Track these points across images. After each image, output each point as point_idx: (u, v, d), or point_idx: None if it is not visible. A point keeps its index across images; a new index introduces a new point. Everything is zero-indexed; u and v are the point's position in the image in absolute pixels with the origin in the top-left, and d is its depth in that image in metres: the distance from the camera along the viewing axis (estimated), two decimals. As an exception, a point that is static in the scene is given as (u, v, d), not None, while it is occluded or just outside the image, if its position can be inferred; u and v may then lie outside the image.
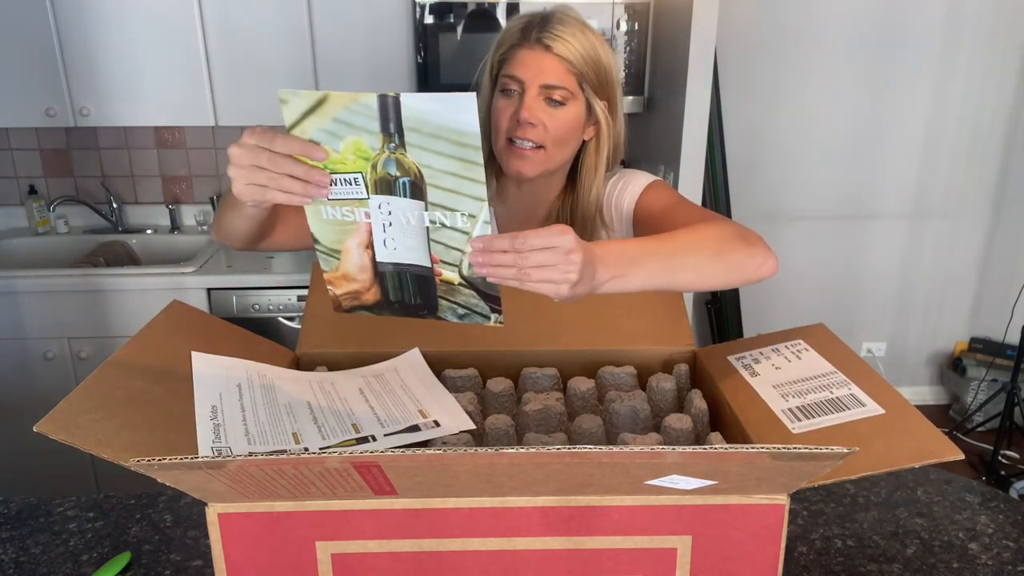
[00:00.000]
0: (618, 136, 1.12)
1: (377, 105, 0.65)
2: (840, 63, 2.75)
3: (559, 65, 1.02)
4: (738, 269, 0.84)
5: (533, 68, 1.02)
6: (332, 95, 0.67)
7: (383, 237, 0.73)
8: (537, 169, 1.07)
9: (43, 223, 2.55)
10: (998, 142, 2.90)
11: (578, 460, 0.50)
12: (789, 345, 0.85)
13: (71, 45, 2.18)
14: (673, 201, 1.07)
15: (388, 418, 0.77)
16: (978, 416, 2.94)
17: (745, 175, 2.83)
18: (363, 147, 0.68)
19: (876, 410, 0.70)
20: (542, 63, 1.02)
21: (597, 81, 1.05)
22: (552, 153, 1.06)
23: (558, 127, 1.04)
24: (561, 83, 1.02)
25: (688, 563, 0.59)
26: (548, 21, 1.02)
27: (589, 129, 1.09)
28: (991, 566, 0.86)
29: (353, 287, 0.77)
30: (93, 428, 0.59)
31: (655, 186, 1.11)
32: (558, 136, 1.05)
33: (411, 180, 0.68)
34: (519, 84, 1.03)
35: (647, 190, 1.10)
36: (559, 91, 1.02)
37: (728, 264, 0.83)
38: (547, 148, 1.05)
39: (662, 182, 1.12)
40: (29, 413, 0.70)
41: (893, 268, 3.06)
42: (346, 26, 2.22)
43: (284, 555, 0.58)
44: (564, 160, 1.10)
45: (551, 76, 1.02)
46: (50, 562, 0.88)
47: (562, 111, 1.04)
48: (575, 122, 1.06)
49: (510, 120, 1.04)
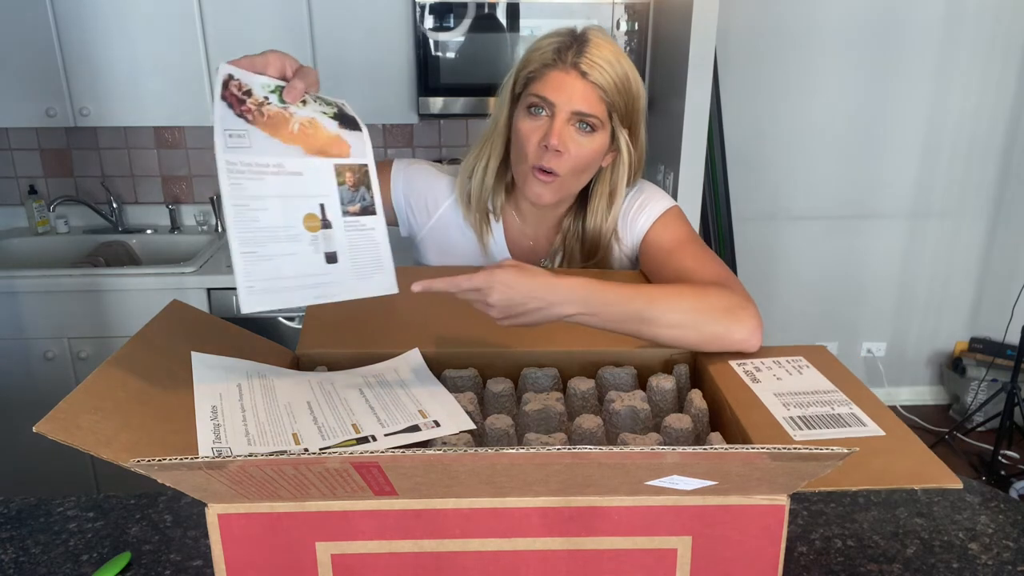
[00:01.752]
0: (637, 164, 1.10)
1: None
2: (840, 63, 2.76)
3: (593, 93, 0.99)
4: (714, 340, 0.86)
5: (566, 93, 0.99)
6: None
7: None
8: (555, 196, 1.06)
9: (43, 223, 2.55)
10: (998, 142, 2.90)
11: (578, 460, 0.50)
12: (790, 360, 0.85)
13: (71, 45, 2.18)
14: (683, 239, 1.06)
15: (388, 418, 0.77)
16: (978, 416, 2.94)
17: (745, 175, 2.83)
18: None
19: (876, 431, 0.70)
20: (575, 88, 0.99)
21: (626, 110, 1.03)
22: (569, 181, 1.05)
23: (583, 154, 1.02)
24: (593, 111, 1.00)
25: (688, 563, 0.59)
26: (585, 45, 1.00)
27: (608, 156, 1.08)
28: (991, 566, 0.86)
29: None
30: (93, 428, 0.59)
31: (671, 215, 1.10)
32: (579, 165, 1.03)
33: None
34: (549, 107, 1.00)
35: (663, 218, 1.09)
36: (591, 119, 1.00)
37: (703, 334, 0.86)
38: (563, 176, 1.03)
39: (678, 210, 1.11)
40: (29, 413, 0.70)
41: (893, 268, 3.06)
42: (346, 26, 2.22)
43: (284, 555, 0.58)
44: (578, 188, 1.09)
45: (583, 104, 0.99)
46: (50, 562, 0.88)
47: (589, 139, 1.02)
48: (599, 151, 1.04)
49: (538, 145, 1.02)
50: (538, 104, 1.01)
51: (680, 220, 1.10)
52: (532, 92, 1.02)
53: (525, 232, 1.17)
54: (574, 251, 1.14)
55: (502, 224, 1.16)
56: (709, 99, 2.05)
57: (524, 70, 1.04)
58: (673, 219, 1.10)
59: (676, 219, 1.10)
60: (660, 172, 2.27)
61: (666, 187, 2.18)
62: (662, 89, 2.26)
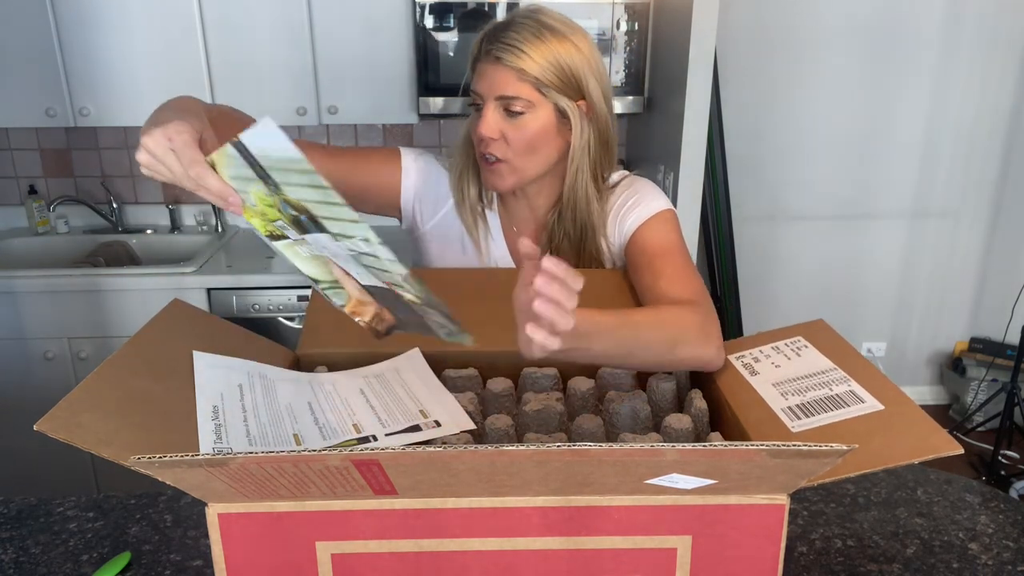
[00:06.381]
0: (604, 134, 1.07)
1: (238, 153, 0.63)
2: (840, 63, 2.75)
3: (510, 75, 1.00)
4: (684, 363, 0.86)
5: (487, 81, 1.02)
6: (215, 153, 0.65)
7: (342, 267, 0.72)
8: (509, 182, 1.06)
9: (43, 223, 2.55)
10: (998, 142, 2.90)
11: (578, 458, 0.50)
12: (789, 343, 0.85)
13: (71, 45, 2.18)
14: (667, 246, 1.03)
15: (389, 418, 0.77)
16: (978, 416, 2.94)
17: (745, 175, 2.83)
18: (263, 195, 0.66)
19: (875, 406, 0.70)
20: (494, 76, 1.01)
21: (562, 83, 1.01)
22: (520, 164, 1.04)
23: (519, 137, 1.02)
24: (516, 93, 1.00)
25: (688, 563, 0.59)
26: (500, 31, 1.01)
27: (565, 132, 1.06)
28: (991, 566, 0.87)
29: (372, 310, 0.76)
30: (93, 427, 0.59)
31: (660, 218, 1.07)
32: (521, 147, 1.03)
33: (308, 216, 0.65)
34: (481, 99, 1.03)
35: (652, 220, 1.07)
36: (516, 101, 1.01)
37: (677, 357, 0.85)
38: (511, 160, 1.04)
39: (671, 213, 1.09)
40: (29, 413, 0.70)
41: (893, 268, 3.06)
42: (346, 26, 2.22)
43: (284, 555, 0.58)
44: (540, 169, 1.07)
45: (503, 87, 1.00)
46: (50, 562, 0.88)
47: (521, 120, 1.02)
48: (541, 130, 1.03)
49: (476, 136, 1.05)
50: (475, 100, 1.05)
51: (670, 225, 1.07)
52: (471, 89, 1.06)
53: (513, 229, 1.17)
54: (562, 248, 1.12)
55: (499, 222, 1.17)
56: (709, 99, 2.05)
57: (469, 69, 1.07)
58: (663, 222, 1.07)
59: (666, 223, 1.07)
60: (660, 172, 2.27)
61: (666, 187, 2.18)
62: (662, 89, 2.26)
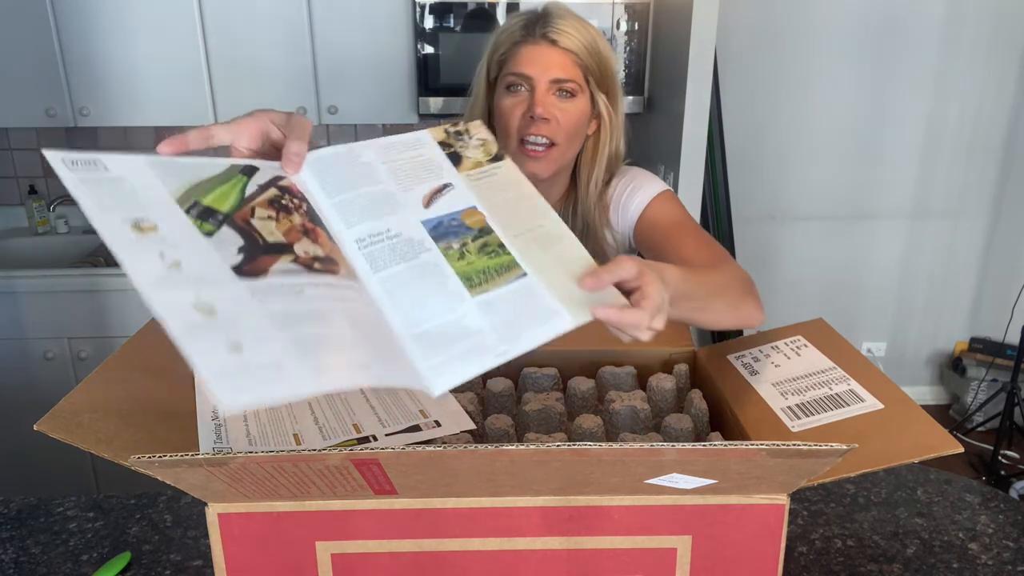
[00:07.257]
0: (618, 130, 1.11)
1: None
2: (840, 63, 2.75)
3: (566, 58, 1.02)
4: (742, 320, 0.85)
5: (541, 63, 1.02)
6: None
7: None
8: (551, 168, 1.06)
9: (43, 223, 2.55)
10: (998, 142, 2.90)
11: (578, 457, 0.50)
12: (789, 342, 0.85)
13: (71, 45, 2.17)
14: (678, 219, 1.06)
15: (389, 418, 0.77)
16: (978, 416, 2.93)
17: (745, 175, 2.83)
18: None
19: (875, 405, 0.70)
20: (550, 57, 1.02)
21: (600, 73, 1.05)
22: (564, 149, 1.06)
23: (569, 120, 1.04)
24: (570, 76, 1.03)
25: (688, 563, 0.59)
26: (549, 16, 1.03)
27: (592, 123, 1.09)
28: (991, 566, 0.86)
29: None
30: (93, 427, 0.59)
31: (664, 197, 1.10)
32: (569, 130, 1.05)
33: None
34: (527, 81, 1.03)
35: (656, 200, 1.09)
36: (569, 84, 1.03)
37: (738, 314, 0.85)
38: (559, 144, 1.05)
39: (671, 193, 1.11)
40: (29, 413, 0.70)
41: (893, 268, 3.06)
42: (346, 26, 2.22)
43: (284, 555, 0.58)
44: (573, 156, 1.10)
45: (560, 70, 1.02)
46: (50, 562, 0.88)
47: (572, 103, 1.04)
48: (584, 115, 1.06)
49: (522, 118, 1.03)
50: (516, 82, 1.04)
51: (674, 202, 1.10)
52: (508, 72, 1.04)
53: None
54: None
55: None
56: (709, 99, 2.05)
57: (495, 54, 1.06)
58: (667, 201, 1.09)
59: (669, 201, 1.10)
60: (660, 172, 2.27)
61: (666, 187, 2.18)
62: (662, 89, 2.26)
